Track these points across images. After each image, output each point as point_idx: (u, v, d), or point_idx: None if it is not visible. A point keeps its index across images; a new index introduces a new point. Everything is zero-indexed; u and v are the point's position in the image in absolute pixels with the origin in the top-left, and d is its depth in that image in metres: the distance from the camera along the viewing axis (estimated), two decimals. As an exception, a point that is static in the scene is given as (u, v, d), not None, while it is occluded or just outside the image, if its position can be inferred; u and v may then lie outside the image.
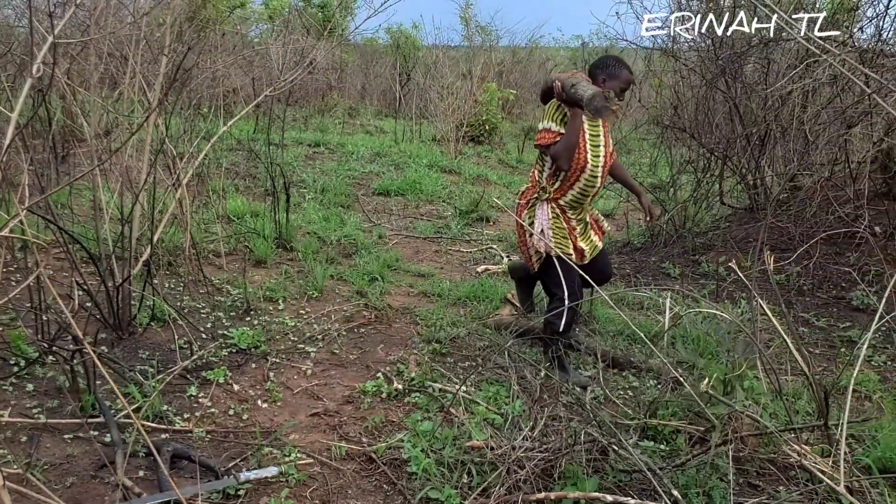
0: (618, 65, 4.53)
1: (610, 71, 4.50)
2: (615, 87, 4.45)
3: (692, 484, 3.31)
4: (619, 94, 4.48)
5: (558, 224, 4.62)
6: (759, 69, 7.97)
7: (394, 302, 5.92)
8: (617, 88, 4.46)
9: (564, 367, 4.64)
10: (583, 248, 4.69)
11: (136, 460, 3.46)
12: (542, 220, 4.63)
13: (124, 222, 4.80)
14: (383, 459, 3.60)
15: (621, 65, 4.54)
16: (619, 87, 4.48)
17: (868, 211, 6.50)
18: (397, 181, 10.46)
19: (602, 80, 4.48)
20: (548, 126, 4.49)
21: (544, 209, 4.64)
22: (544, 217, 4.63)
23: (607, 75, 4.49)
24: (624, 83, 4.51)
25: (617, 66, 4.52)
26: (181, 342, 4.64)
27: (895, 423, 3.98)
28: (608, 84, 4.46)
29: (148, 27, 5.61)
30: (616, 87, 4.47)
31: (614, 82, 4.48)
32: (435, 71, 15.91)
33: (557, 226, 4.62)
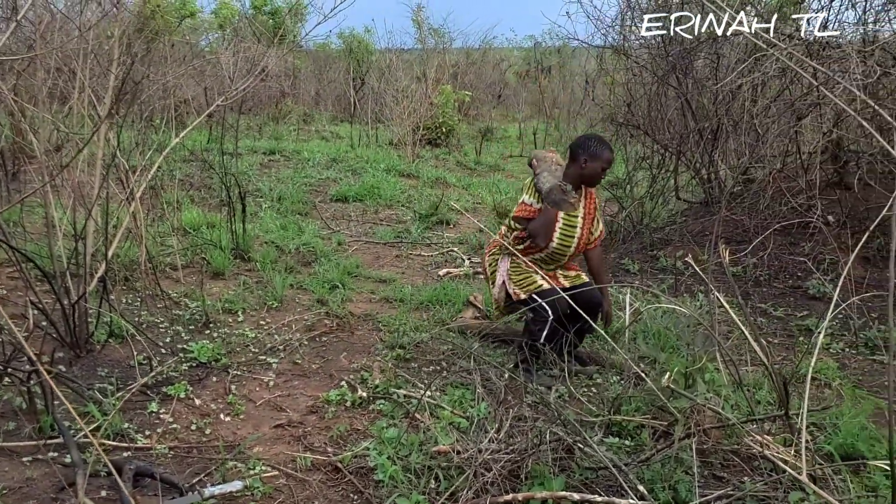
0: (599, 145, 4.58)
1: (591, 152, 4.55)
2: (597, 167, 4.55)
3: (658, 478, 3.33)
4: (601, 173, 4.61)
5: (518, 273, 4.70)
6: (709, 64, 8.06)
7: (355, 309, 5.89)
8: (598, 168, 4.56)
9: (529, 369, 4.67)
10: (559, 279, 4.77)
11: (98, 480, 3.40)
12: (502, 272, 4.75)
13: (78, 238, 4.72)
14: (349, 468, 3.57)
15: (602, 145, 4.59)
16: (600, 167, 4.56)
17: (820, 201, 6.60)
18: (355, 187, 10.43)
19: (584, 161, 4.55)
20: (529, 202, 4.60)
21: (506, 262, 4.76)
22: (504, 269, 4.75)
23: (588, 156, 4.55)
24: (605, 163, 4.58)
25: (598, 147, 4.56)
26: (140, 358, 4.58)
27: (855, 409, 4.04)
28: (589, 164, 4.54)
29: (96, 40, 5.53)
30: (598, 167, 4.55)
31: (596, 163, 4.55)
32: (389, 74, 15.91)
33: (518, 274, 4.70)
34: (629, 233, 7.93)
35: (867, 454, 3.67)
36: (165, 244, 6.87)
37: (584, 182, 4.65)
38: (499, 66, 22.37)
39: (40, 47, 5.20)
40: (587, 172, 4.57)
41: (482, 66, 21.44)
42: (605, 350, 5.07)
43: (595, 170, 4.56)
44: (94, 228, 5.03)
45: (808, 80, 6.59)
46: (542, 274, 4.48)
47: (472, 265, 7.35)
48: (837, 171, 7.34)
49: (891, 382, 2.32)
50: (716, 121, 7.75)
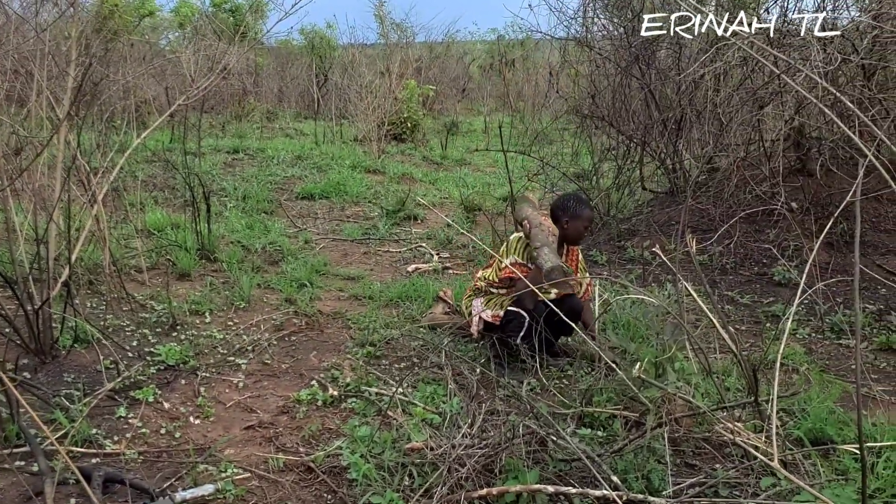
0: (579, 205, 4.75)
1: (572, 213, 4.73)
2: (579, 227, 4.73)
3: (631, 468, 3.35)
4: (584, 231, 4.79)
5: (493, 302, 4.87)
6: (672, 55, 8.11)
7: (324, 307, 5.86)
8: (581, 228, 4.74)
9: (502, 363, 4.68)
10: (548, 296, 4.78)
11: (67, 488, 3.35)
12: (476, 308, 4.90)
13: (40, 243, 4.64)
14: (322, 468, 3.55)
15: (582, 204, 4.77)
16: (582, 226, 4.74)
17: (784, 188, 6.67)
18: (321, 184, 10.37)
19: (565, 222, 4.73)
20: (521, 261, 4.76)
21: (480, 299, 4.94)
22: (479, 304, 4.92)
23: (569, 217, 4.73)
24: (587, 221, 4.77)
25: (578, 207, 4.74)
26: (107, 363, 4.51)
27: (822, 394, 4.09)
28: (571, 224, 4.72)
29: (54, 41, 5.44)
30: (580, 226, 4.73)
31: (577, 222, 4.72)
32: (352, 70, 15.84)
33: (493, 303, 4.86)
34: (596, 224, 7.96)
35: (836, 438, 3.72)
36: (129, 246, 6.78)
37: (568, 241, 4.86)
38: (462, 59, 22.36)
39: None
40: (570, 233, 4.76)
41: (446, 60, 21.43)
42: (575, 341, 5.08)
43: (577, 229, 4.75)
44: (57, 232, 4.95)
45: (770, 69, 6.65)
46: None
47: (441, 260, 7.34)
48: (800, 159, 7.42)
49: (858, 366, 2.34)
50: (679, 111, 7.80)
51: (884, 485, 3.29)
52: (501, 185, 10.90)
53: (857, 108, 4.83)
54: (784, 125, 7.03)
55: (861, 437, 2.63)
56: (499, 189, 10.58)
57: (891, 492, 3.26)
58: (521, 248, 4.81)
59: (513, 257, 4.80)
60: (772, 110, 7.58)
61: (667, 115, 7.86)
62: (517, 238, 4.87)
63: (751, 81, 7.33)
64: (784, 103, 7.09)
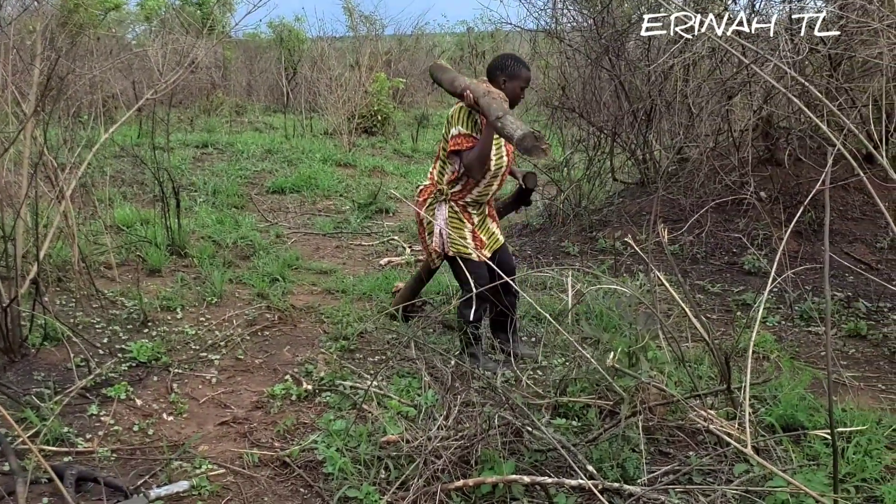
0: (516, 64, 4.50)
1: (509, 71, 4.47)
2: (516, 87, 4.47)
3: (606, 457, 3.37)
4: (521, 92, 4.52)
5: (456, 224, 4.65)
6: (641, 46, 8.15)
7: (297, 302, 5.83)
8: (517, 88, 4.48)
9: (475, 354, 4.66)
10: (483, 240, 4.71)
11: (39, 487, 3.31)
12: (440, 220, 4.63)
13: (7, 240, 4.58)
14: (298, 462, 3.54)
15: (519, 63, 4.51)
16: (520, 86, 4.49)
17: (753, 177, 6.73)
18: (291, 178, 10.32)
19: (503, 81, 4.47)
20: (465, 132, 4.45)
21: (443, 210, 4.65)
22: (442, 217, 4.63)
23: (507, 76, 4.47)
24: (524, 81, 4.51)
25: (516, 66, 4.48)
26: (78, 360, 4.46)
27: (793, 381, 4.14)
28: (509, 84, 4.46)
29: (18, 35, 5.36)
30: (517, 86, 4.48)
31: (515, 82, 4.47)
32: (322, 63, 15.74)
33: (455, 226, 4.64)
34: (568, 215, 7.99)
35: (807, 424, 3.76)
36: (99, 243, 6.71)
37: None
38: (432, 52, 22.31)
39: (-42, 43, 5.02)
40: (507, 93, 4.43)
41: (415, 52, 21.37)
42: (548, 331, 5.10)
43: (514, 89, 4.48)
44: (24, 229, 4.89)
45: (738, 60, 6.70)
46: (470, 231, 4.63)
47: (414, 253, 7.33)
48: (768, 148, 7.49)
49: (829, 353, 2.37)
50: (649, 102, 7.84)
51: (854, 469, 3.34)
52: (473, 177, 10.89)
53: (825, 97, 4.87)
54: (752, 115, 7.09)
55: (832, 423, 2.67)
56: (470, 181, 10.57)
57: (860, 476, 3.31)
58: (465, 117, 4.46)
59: (458, 128, 4.45)
60: (740, 101, 7.65)
61: (637, 106, 7.90)
62: (459, 108, 4.50)
63: (720, 72, 7.39)
64: (752, 94, 7.15)
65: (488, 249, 4.74)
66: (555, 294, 5.93)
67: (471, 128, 4.44)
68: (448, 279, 6.06)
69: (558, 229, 7.86)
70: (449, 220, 4.64)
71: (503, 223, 5.44)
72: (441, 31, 23.96)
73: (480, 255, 4.66)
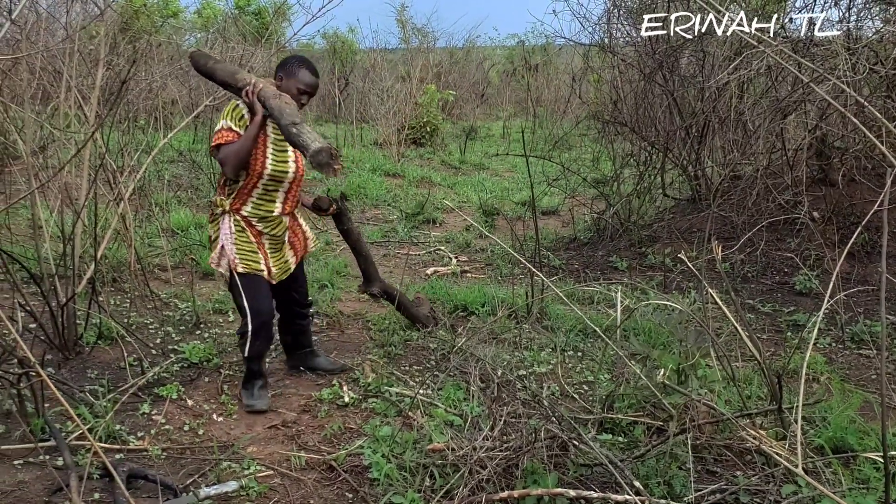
0: (298, 64, 4.08)
1: (288, 69, 4.05)
2: (292, 87, 4.01)
3: (652, 474, 3.35)
4: (298, 96, 4.03)
5: (243, 238, 4.09)
6: (695, 62, 8.10)
7: (345, 308, 5.88)
8: (293, 90, 4.01)
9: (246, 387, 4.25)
10: (270, 268, 4.17)
11: (91, 483, 3.38)
12: (224, 234, 4.07)
13: (66, 240, 4.69)
14: (344, 467, 3.57)
15: (302, 64, 4.09)
16: (295, 87, 4.02)
17: (806, 197, 6.65)
18: (341, 187, 10.41)
19: (279, 79, 4.06)
20: (228, 125, 3.97)
21: (227, 222, 4.08)
22: (226, 231, 4.07)
23: (285, 73, 4.05)
24: (303, 84, 4.05)
25: (297, 66, 4.06)
26: (131, 360, 4.56)
27: (844, 403, 4.07)
28: (284, 84, 4.02)
29: (80, 40, 5.50)
30: (293, 86, 4.02)
31: (291, 81, 4.02)
32: (374, 74, 15.88)
33: (242, 240, 4.08)
34: (617, 230, 7.95)
35: (857, 447, 3.70)
36: (154, 245, 6.84)
37: None
38: (482, 65, 22.38)
39: (26, 47, 5.16)
40: (282, 92, 3.95)
41: (466, 65, 21.45)
42: (596, 347, 5.06)
43: (290, 89, 3.99)
44: (83, 230, 5.00)
45: (794, 78, 6.64)
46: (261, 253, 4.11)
47: (459, 264, 7.35)
48: (822, 168, 7.39)
49: (883, 375, 2.34)
50: (702, 118, 7.79)
51: (906, 495, 3.28)
52: (520, 189, 10.91)
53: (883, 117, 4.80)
54: (807, 134, 7.01)
55: (885, 446, 2.63)
56: (517, 194, 10.59)
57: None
58: (232, 111, 3.99)
59: (227, 122, 3.96)
60: (795, 119, 7.56)
61: (689, 122, 7.85)
62: (235, 105, 4.02)
63: (775, 90, 7.32)
64: (807, 112, 7.07)
65: (275, 279, 4.22)
66: (602, 309, 5.91)
67: (237, 123, 3.96)
68: (493, 289, 6.07)
69: (606, 244, 7.82)
70: (237, 234, 4.08)
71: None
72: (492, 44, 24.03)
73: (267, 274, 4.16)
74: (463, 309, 5.88)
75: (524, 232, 7.49)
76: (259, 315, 4.06)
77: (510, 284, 6.24)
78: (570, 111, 15.66)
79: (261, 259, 4.10)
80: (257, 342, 4.12)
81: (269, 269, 4.14)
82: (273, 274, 4.17)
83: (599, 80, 9.44)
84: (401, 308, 5.30)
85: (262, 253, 4.12)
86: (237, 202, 4.06)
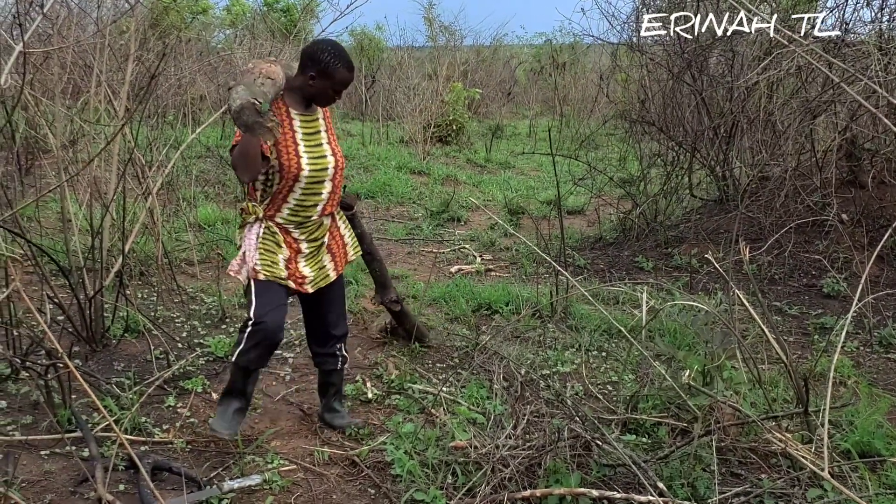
0: (335, 61, 3.46)
1: (324, 68, 3.46)
2: (326, 89, 3.49)
3: (676, 475, 3.33)
4: (334, 95, 3.54)
5: (268, 245, 3.57)
6: (724, 62, 8.04)
7: (369, 305, 5.88)
8: (328, 90, 3.50)
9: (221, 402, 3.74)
10: (304, 275, 3.63)
11: (116, 474, 3.41)
12: (248, 243, 3.58)
13: (94, 234, 4.74)
14: (367, 463, 3.58)
15: (339, 61, 3.48)
16: (330, 88, 3.50)
17: (835, 199, 6.58)
18: (367, 184, 10.44)
19: (311, 76, 3.48)
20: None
21: (254, 230, 3.58)
22: (251, 239, 3.57)
23: (318, 73, 3.47)
24: (339, 84, 3.51)
25: (334, 63, 3.46)
26: (157, 353, 4.59)
27: (871, 407, 4.03)
28: (316, 83, 3.48)
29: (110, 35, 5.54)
30: (327, 87, 3.49)
31: (325, 82, 3.48)
32: (400, 72, 15.90)
33: (267, 248, 3.56)
34: (643, 230, 7.91)
35: (884, 452, 3.66)
36: (181, 240, 6.88)
37: (312, 100, 3.59)
38: (509, 63, 22.32)
39: (57, 41, 5.21)
40: (314, 91, 3.51)
41: (492, 63, 21.40)
42: (620, 347, 5.04)
43: (324, 90, 3.49)
44: (111, 223, 5.05)
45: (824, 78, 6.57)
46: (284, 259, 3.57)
47: (484, 262, 7.35)
48: (851, 170, 7.31)
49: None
50: (731, 118, 7.73)
51: (935, 501, 3.24)
52: (545, 188, 10.88)
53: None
54: (837, 135, 6.94)
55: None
56: (543, 193, 10.56)
57: (942, 508, 3.21)
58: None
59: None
60: (824, 120, 7.49)
61: (718, 122, 7.79)
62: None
63: (805, 90, 7.25)
64: (837, 113, 7.00)
65: (311, 285, 3.67)
66: (627, 309, 5.88)
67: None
68: (517, 288, 6.06)
69: (632, 244, 7.79)
70: (262, 242, 3.57)
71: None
72: (519, 42, 23.96)
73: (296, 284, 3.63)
74: (487, 307, 5.87)
75: (549, 231, 7.47)
76: (261, 320, 3.50)
77: (534, 283, 6.22)
78: (598, 110, 15.59)
79: (283, 269, 3.56)
80: (250, 351, 3.55)
81: (299, 277, 3.60)
82: (308, 280, 3.63)
83: (627, 79, 9.38)
84: (405, 318, 5.02)
85: (292, 262, 3.60)
86: (272, 208, 3.55)
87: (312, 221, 3.62)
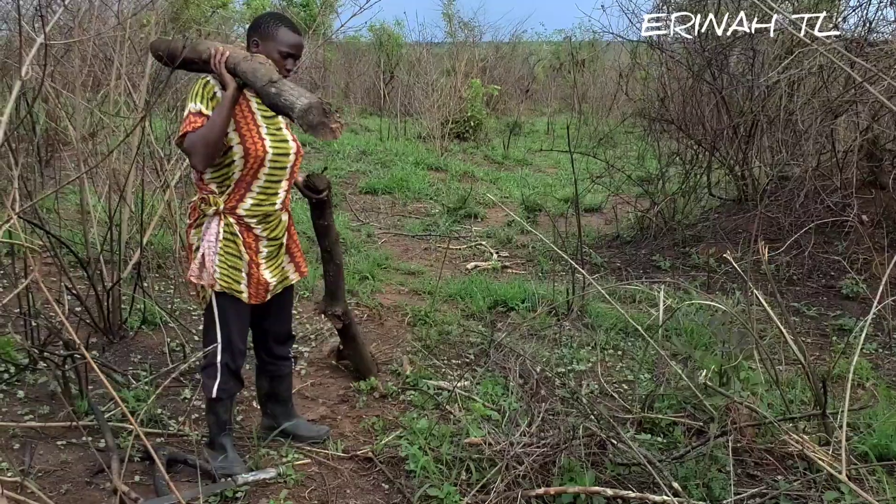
0: (275, 22, 3.26)
1: (263, 30, 3.24)
2: (272, 52, 3.21)
3: (691, 476, 3.31)
4: (282, 61, 3.23)
5: (229, 248, 3.30)
6: (745, 60, 7.99)
7: (385, 300, 5.90)
8: (274, 53, 3.21)
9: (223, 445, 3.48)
10: (267, 281, 3.40)
11: (131, 465, 3.43)
12: (208, 241, 3.28)
13: (112, 226, 4.76)
14: (381, 458, 3.58)
15: (279, 22, 3.28)
16: (276, 50, 3.22)
17: (856, 200, 6.53)
18: (384, 179, 10.44)
19: (255, 45, 3.25)
20: (198, 108, 3.16)
21: (212, 229, 3.28)
22: (211, 240, 3.28)
23: (260, 36, 3.24)
24: (286, 46, 3.24)
25: (273, 25, 3.25)
26: (173, 345, 4.61)
27: (890, 410, 3.99)
28: (262, 49, 3.21)
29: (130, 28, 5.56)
30: (273, 51, 3.21)
31: (270, 44, 3.22)
32: (419, 68, 15.89)
33: (228, 250, 3.29)
34: (661, 229, 7.87)
35: (903, 455, 3.63)
36: (197, 233, 6.90)
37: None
38: (527, 60, 22.27)
39: (78, 34, 5.23)
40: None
41: (511, 60, 21.36)
42: (636, 346, 5.02)
43: (270, 55, 3.20)
44: (129, 216, 5.07)
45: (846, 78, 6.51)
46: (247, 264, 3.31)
47: (500, 259, 7.34)
48: (872, 170, 7.25)
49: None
50: (751, 117, 7.68)
51: (954, 506, 3.21)
52: (563, 186, 10.85)
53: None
54: (858, 136, 6.88)
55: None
56: (560, 190, 10.53)
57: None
58: (202, 89, 3.18)
59: (196, 104, 3.15)
60: (845, 120, 7.43)
61: (737, 121, 7.74)
62: (205, 82, 3.22)
63: (826, 90, 7.19)
64: (858, 113, 6.93)
65: (271, 292, 3.46)
66: (643, 308, 5.85)
67: (209, 104, 3.17)
68: (533, 285, 6.05)
69: (650, 243, 7.75)
70: (223, 244, 3.29)
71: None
72: (538, 39, 23.89)
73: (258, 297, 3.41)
74: (503, 304, 5.86)
75: (566, 229, 7.45)
76: (232, 348, 3.35)
77: (551, 281, 6.21)
78: (616, 108, 15.53)
79: (243, 279, 3.31)
80: (229, 381, 3.38)
81: (262, 286, 3.38)
82: (272, 287, 3.43)
83: (647, 77, 9.33)
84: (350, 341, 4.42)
85: (253, 269, 3.33)
86: (233, 199, 3.26)
87: (274, 214, 3.37)
